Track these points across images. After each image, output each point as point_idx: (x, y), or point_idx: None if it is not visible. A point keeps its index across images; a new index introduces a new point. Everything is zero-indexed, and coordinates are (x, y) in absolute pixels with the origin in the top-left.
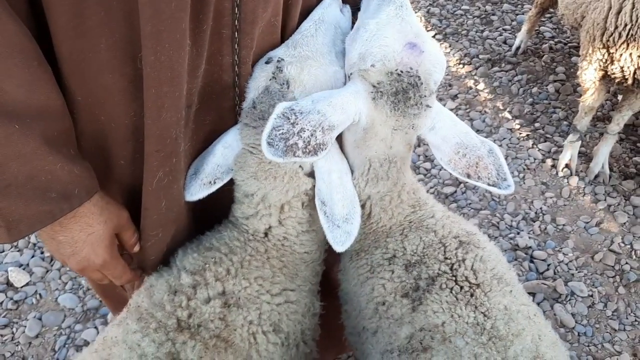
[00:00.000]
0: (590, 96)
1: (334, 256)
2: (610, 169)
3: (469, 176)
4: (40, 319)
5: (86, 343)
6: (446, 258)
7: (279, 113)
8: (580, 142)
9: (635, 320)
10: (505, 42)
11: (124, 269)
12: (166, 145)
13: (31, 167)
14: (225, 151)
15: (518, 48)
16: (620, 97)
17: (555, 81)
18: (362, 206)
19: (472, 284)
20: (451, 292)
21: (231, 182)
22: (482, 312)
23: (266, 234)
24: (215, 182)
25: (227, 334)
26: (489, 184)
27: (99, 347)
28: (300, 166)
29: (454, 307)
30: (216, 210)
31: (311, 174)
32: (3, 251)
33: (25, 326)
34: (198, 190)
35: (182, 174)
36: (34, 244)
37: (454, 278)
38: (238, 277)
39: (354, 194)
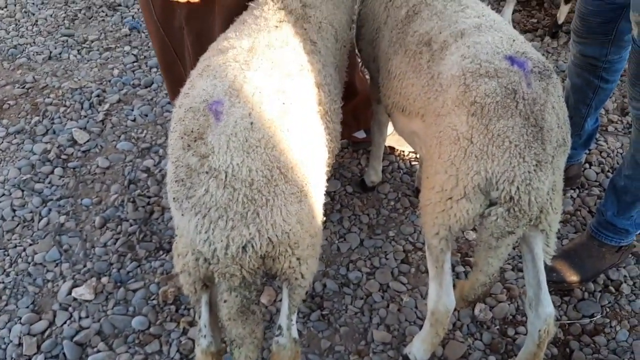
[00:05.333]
0: None
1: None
2: (514, 28)
3: None
4: (107, 158)
5: (147, 169)
6: None
7: None
8: (489, 7)
9: None
10: None
11: None
12: None
13: None
14: None
15: None
16: None
17: None
18: None
19: None
20: None
21: None
22: None
23: None
24: None
25: (305, 20)
26: None
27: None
28: None
29: None
30: None
31: None
32: (61, 122)
33: (97, 164)
34: None
35: None
36: (85, 116)
37: None
38: None
39: None
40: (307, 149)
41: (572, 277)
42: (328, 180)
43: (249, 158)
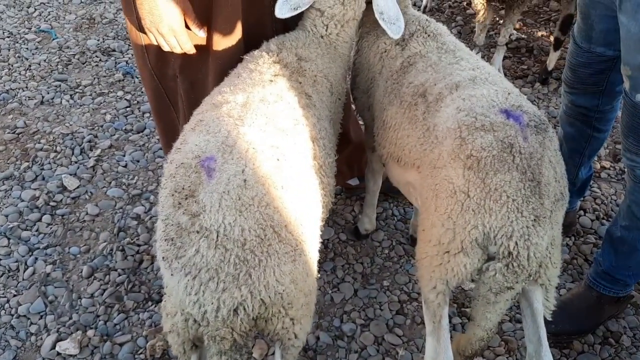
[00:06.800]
0: (482, 15)
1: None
2: (505, 74)
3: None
4: (97, 205)
5: (137, 216)
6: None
7: None
8: (480, 54)
9: None
10: (415, 4)
11: (188, 39)
12: None
13: None
14: None
15: (425, 7)
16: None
17: (456, 26)
18: None
19: (436, 34)
20: (424, 36)
21: None
22: (441, 42)
23: (322, 36)
24: (297, 8)
25: (301, 74)
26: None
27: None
28: None
29: (425, 43)
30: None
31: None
32: (50, 168)
33: (87, 212)
34: (286, 12)
35: None
36: (76, 161)
37: (425, 31)
38: (304, 47)
39: (395, 3)
40: (302, 206)
41: (571, 329)
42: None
43: (241, 217)
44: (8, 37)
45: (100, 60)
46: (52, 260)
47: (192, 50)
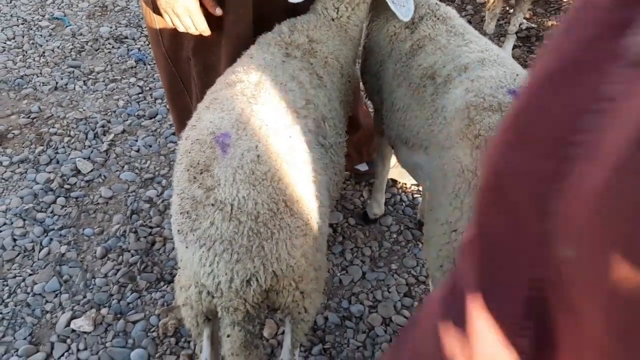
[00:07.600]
0: (492, 4)
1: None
2: None
3: None
4: (110, 188)
5: (150, 199)
6: (432, 10)
7: None
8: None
9: None
10: None
11: (203, 19)
12: None
13: None
14: None
15: None
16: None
17: (466, 15)
18: None
19: (445, 17)
20: (434, 19)
21: None
22: (450, 25)
23: (333, 19)
24: None
25: (312, 55)
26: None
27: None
28: None
29: (434, 26)
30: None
31: None
32: (65, 152)
33: (100, 194)
34: None
35: None
36: (89, 146)
37: (434, 14)
38: (316, 29)
39: None
40: (313, 182)
41: None
42: (331, 212)
43: (255, 191)
44: (22, 24)
45: (112, 47)
46: (66, 241)
47: (207, 32)
